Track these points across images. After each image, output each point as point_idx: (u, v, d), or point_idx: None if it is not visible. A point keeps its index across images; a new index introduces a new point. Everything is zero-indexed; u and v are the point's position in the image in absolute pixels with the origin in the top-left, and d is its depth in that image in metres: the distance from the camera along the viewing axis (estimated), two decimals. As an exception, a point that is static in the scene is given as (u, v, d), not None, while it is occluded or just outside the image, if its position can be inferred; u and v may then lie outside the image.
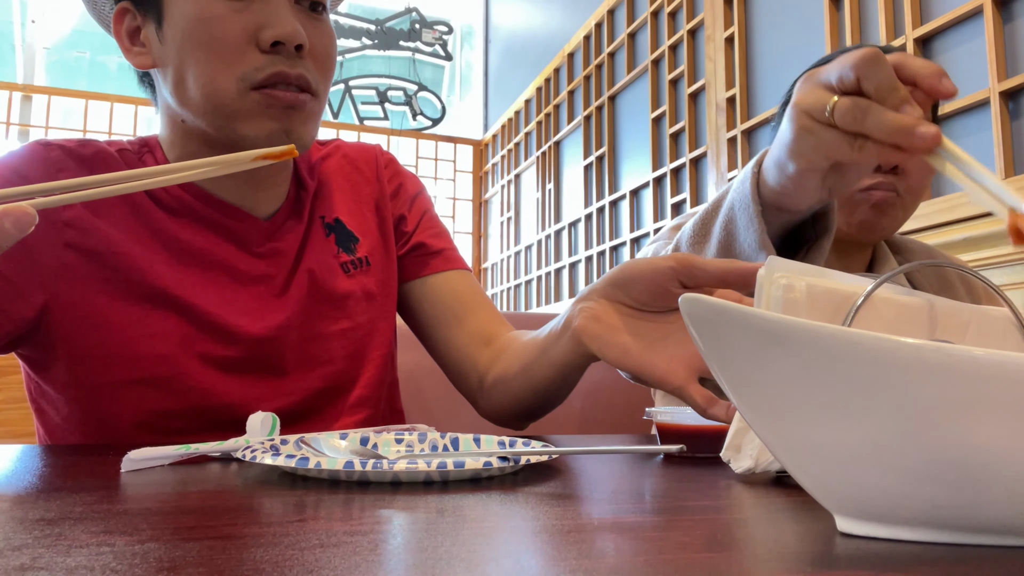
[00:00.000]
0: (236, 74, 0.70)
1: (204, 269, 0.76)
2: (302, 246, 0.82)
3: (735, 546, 0.33)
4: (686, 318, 0.33)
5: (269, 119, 0.71)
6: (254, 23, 0.70)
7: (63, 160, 0.75)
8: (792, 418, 0.32)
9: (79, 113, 4.27)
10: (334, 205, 0.87)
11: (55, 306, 0.72)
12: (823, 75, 0.57)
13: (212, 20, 0.70)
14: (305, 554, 0.29)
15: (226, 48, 0.70)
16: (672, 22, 2.81)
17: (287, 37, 0.70)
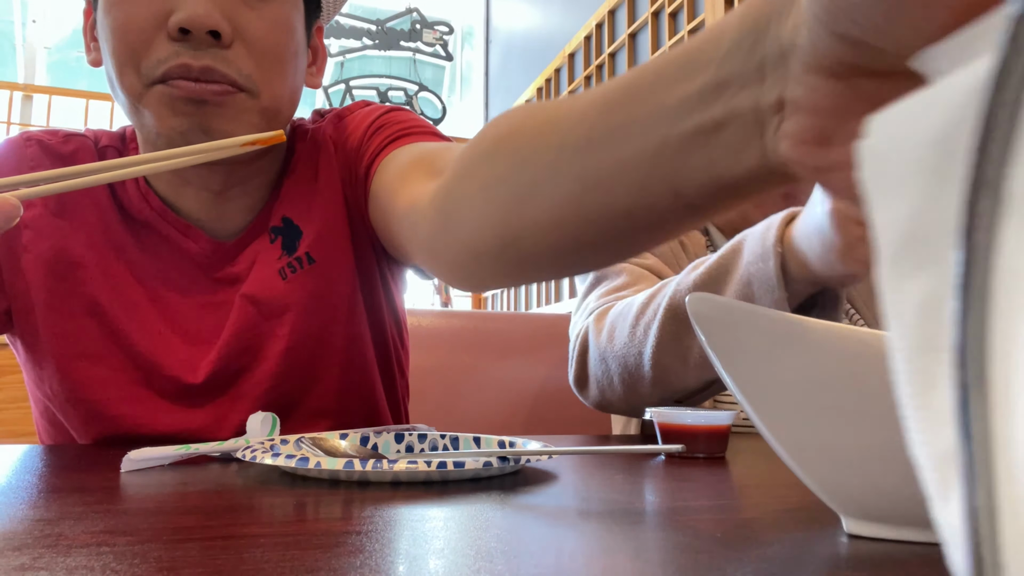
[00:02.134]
0: (141, 68, 0.62)
1: (151, 298, 0.71)
2: (251, 264, 0.73)
3: (738, 547, 0.32)
4: (692, 317, 0.33)
5: (175, 114, 0.63)
6: (165, 7, 0.61)
7: (38, 157, 0.71)
8: (799, 418, 0.32)
9: (80, 113, 4.28)
10: (287, 202, 0.75)
11: (14, 309, 0.70)
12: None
13: (122, 3, 0.62)
14: (305, 554, 0.29)
15: (134, 36, 0.62)
16: (673, 22, 2.81)
17: (192, 23, 0.60)
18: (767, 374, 0.32)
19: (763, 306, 0.65)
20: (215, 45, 0.62)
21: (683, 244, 0.98)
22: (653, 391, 0.78)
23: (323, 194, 0.74)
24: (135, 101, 0.64)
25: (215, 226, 0.73)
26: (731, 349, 0.33)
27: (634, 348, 0.77)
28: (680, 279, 0.76)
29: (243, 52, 0.64)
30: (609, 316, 0.83)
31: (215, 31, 0.61)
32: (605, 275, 0.92)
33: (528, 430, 1.24)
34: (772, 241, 0.66)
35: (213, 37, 0.62)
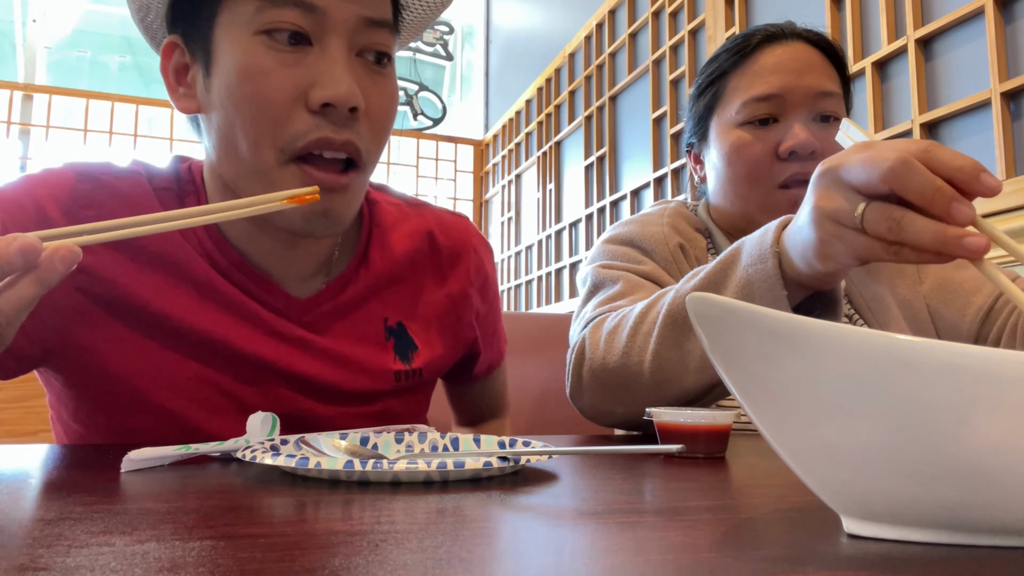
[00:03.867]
0: (279, 142, 0.63)
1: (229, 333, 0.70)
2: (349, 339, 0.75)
3: (738, 547, 0.32)
4: (693, 317, 0.33)
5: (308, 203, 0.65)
6: (306, 80, 0.63)
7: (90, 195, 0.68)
8: (799, 418, 0.32)
9: (80, 112, 4.27)
10: (401, 303, 0.79)
11: (61, 351, 0.69)
12: (845, 176, 0.54)
13: (259, 76, 0.62)
14: (305, 554, 0.29)
15: (272, 109, 0.62)
16: (673, 22, 2.81)
17: (339, 99, 0.62)
18: (767, 374, 0.32)
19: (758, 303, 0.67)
20: (351, 120, 0.64)
21: (683, 248, 0.98)
22: (651, 398, 0.77)
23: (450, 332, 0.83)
24: (265, 173, 0.64)
25: (285, 278, 0.74)
26: (731, 349, 0.33)
27: (634, 356, 0.77)
28: (679, 286, 0.77)
29: (366, 125, 0.66)
30: (605, 326, 0.83)
31: (355, 106, 0.63)
32: (602, 283, 0.93)
33: (528, 430, 1.24)
34: (769, 243, 0.67)
35: (350, 112, 0.64)
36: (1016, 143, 1.46)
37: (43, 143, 4.21)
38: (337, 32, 0.64)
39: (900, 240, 0.52)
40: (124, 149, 4.33)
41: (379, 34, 0.66)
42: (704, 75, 1.01)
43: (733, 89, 0.96)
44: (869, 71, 1.79)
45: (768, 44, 0.96)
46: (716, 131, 0.98)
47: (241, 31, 0.64)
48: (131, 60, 5.26)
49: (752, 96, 0.93)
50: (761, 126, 0.93)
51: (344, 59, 0.64)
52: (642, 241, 0.97)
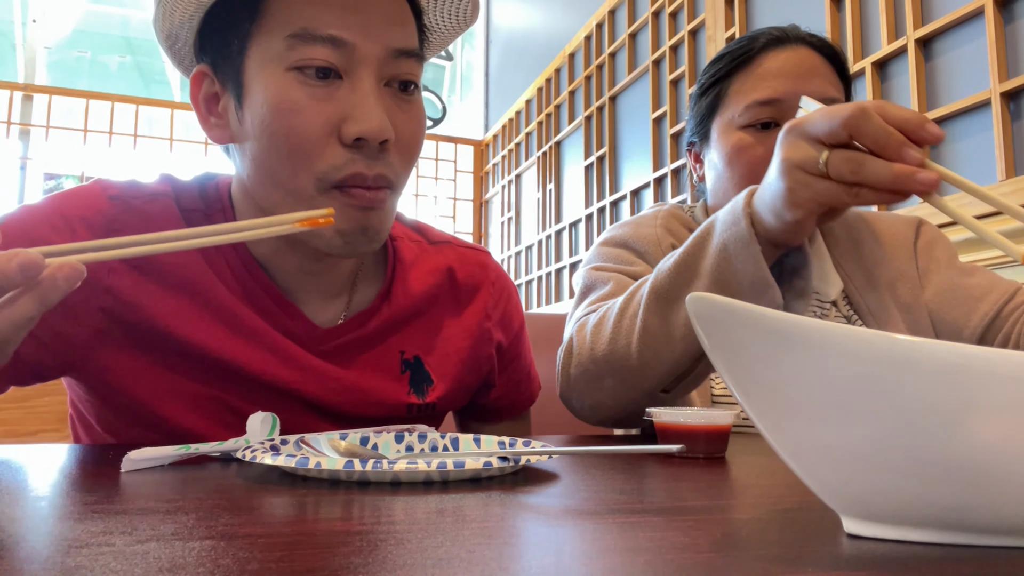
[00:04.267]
0: (315, 173, 0.64)
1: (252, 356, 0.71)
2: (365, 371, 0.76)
3: (738, 547, 0.32)
4: (692, 317, 0.33)
5: (348, 219, 0.66)
6: (337, 114, 0.64)
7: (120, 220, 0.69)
8: (800, 418, 0.32)
9: (80, 113, 4.27)
10: (420, 337, 0.80)
11: (82, 367, 0.69)
12: (809, 128, 0.61)
13: (292, 111, 0.64)
14: (305, 554, 0.29)
15: (306, 143, 0.64)
16: (673, 22, 2.81)
17: (371, 134, 0.64)
18: (767, 374, 0.32)
19: (741, 267, 0.71)
20: (381, 152, 0.66)
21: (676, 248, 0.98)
22: (640, 379, 0.78)
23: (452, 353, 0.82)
24: (304, 200, 0.66)
25: (308, 303, 0.75)
26: (731, 349, 0.33)
27: (622, 339, 0.79)
28: (660, 264, 0.79)
29: (396, 152, 0.68)
30: (590, 321, 0.85)
31: (386, 139, 0.65)
32: (593, 285, 0.94)
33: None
34: (741, 205, 0.72)
35: (380, 144, 0.65)
36: (1016, 143, 1.46)
37: (43, 143, 4.21)
38: (367, 65, 0.65)
39: (860, 181, 0.58)
40: (124, 149, 4.33)
41: (407, 64, 0.68)
42: (707, 75, 1.02)
43: (736, 92, 0.97)
44: (869, 71, 1.79)
45: (772, 48, 0.97)
46: (717, 132, 0.99)
47: (274, 66, 0.65)
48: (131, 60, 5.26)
49: (755, 100, 0.94)
50: (763, 129, 0.94)
51: (374, 92, 0.65)
52: (635, 243, 0.99)
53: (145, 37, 5.30)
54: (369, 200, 0.66)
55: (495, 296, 0.87)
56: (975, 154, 1.54)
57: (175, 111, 4.46)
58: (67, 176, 4.34)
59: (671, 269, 0.77)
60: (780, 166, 0.64)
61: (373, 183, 0.66)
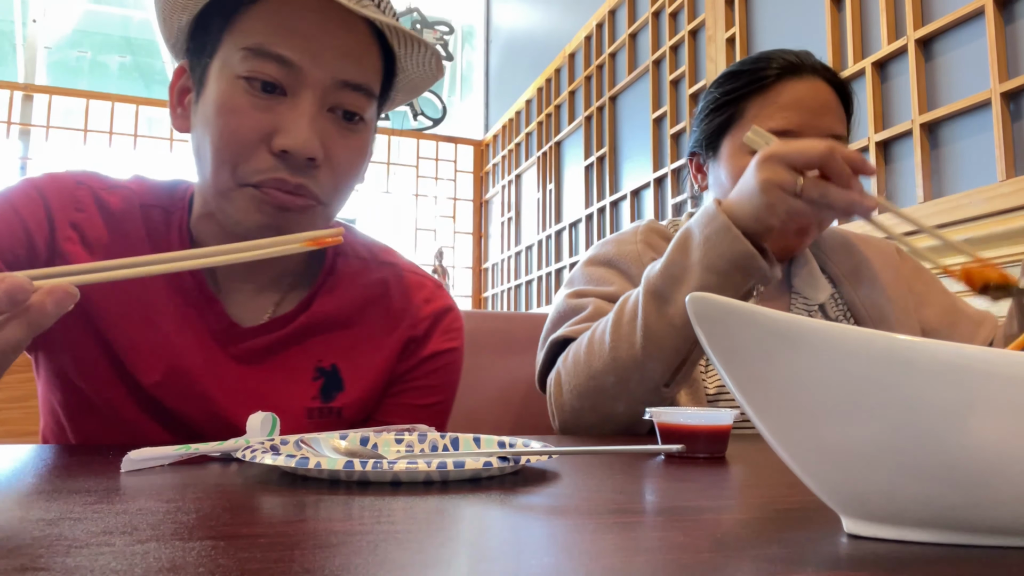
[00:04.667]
0: (237, 171, 0.69)
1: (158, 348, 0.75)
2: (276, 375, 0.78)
3: (738, 547, 0.32)
4: (692, 317, 0.33)
5: (261, 214, 0.70)
6: (272, 125, 0.68)
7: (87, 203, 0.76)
8: (800, 418, 0.32)
9: (80, 112, 4.27)
10: (341, 347, 0.81)
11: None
12: (789, 158, 0.79)
13: (232, 112, 0.69)
14: (305, 554, 0.29)
15: (238, 145, 0.69)
16: (673, 22, 2.81)
17: (295, 148, 0.68)
18: (767, 374, 0.32)
19: (726, 249, 0.81)
20: (308, 167, 0.70)
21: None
22: (645, 374, 0.85)
23: (378, 370, 0.82)
24: (224, 193, 0.71)
25: (240, 283, 0.79)
26: (731, 349, 0.33)
27: (624, 344, 0.85)
28: (648, 271, 0.87)
29: (328, 173, 0.72)
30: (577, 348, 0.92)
31: (313, 157, 0.69)
32: (570, 312, 1.00)
33: (528, 430, 1.24)
34: (713, 208, 0.84)
35: (309, 160, 0.69)
36: (1016, 143, 1.46)
37: (43, 143, 4.21)
38: (311, 88, 0.69)
39: (826, 203, 0.78)
40: (124, 149, 4.33)
41: (352, 96, 0.72)
42: (721, 91, 1.04)
43: (753, 116, 1.00)
44: (869, 71, 1.79)
45: (790, 77, 1.00)
46: (729, 152, 1.02)
47: (229, 72, 0.70)
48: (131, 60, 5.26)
49: (770, 128, 0.96)
50: None
51: (311, 113, 0.69)
52: (619, 261, 1.04)
53: (145, 37, 5.30)
54: (285, 202, 0.69)
55: (425, 312, 0.86)
56: (975, 154, 1.54)
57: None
58: (67, 176, 4.33)
59: (661, 270, 0.85)
60: (760, 184, 0.79)
61: (293, 190, 0.69)
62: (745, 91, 1.01)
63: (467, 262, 4.93)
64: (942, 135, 1.63)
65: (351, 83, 0.71)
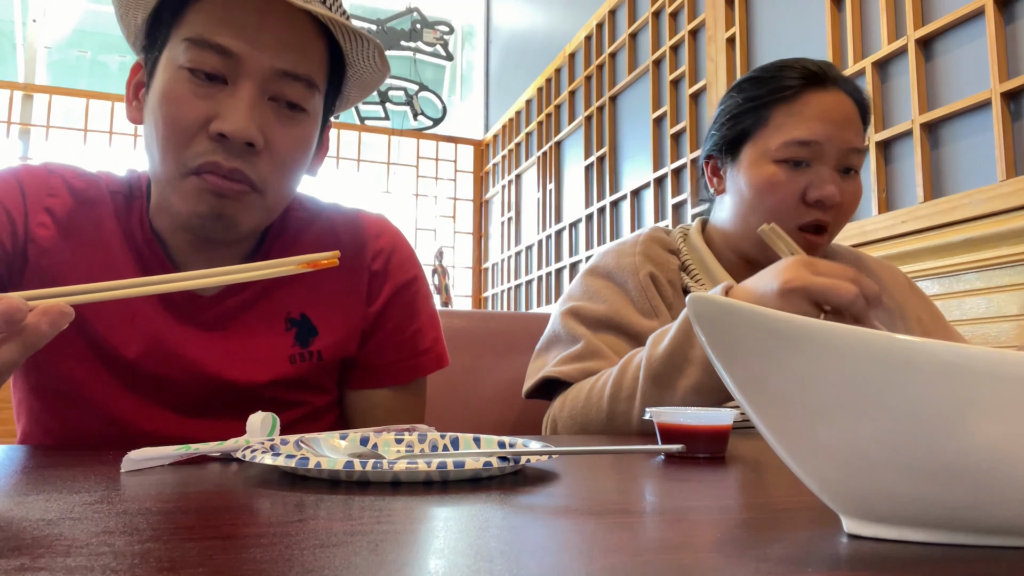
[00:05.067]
0: (180, 158, 0.71)
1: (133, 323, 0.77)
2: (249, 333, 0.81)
3: (738, 547, 0.32)
4: (692, 317, 0.33)
5: (200, 202, 0.72)
6: (211, 111, 0.71)
7: (59, 189, 0.79)
8: (800, 418, 0.32)
9: (80, 112, 4.27)
10: (305, 295, 0.84)
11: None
12: (813, 294, 0.77)
13: (174, 100, 0.71)
14: (305, 554, 0.29)
15: (179, 131, 0.71)
16: (673, 22, 2.81)
17: (232, 133, 0.70)
18: (767, 374, 0.32)
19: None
20: (246, 152, 0.72)
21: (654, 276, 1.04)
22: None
23: (348, 311, 0.86)
24: (168, 183, 0.73)
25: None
26: (731, 349, 0.33)
27: (620, 418, 0.89)
28: (649, 352, 0.88)
29: (267, 159, 0.73)
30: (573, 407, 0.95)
31: (249, 143, 0.71)
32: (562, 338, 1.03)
33: (528, 430, 1.24)
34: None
35: (247, 146, 0.71)
36: (1016, 143, 1.46)
37: (43, 143, 4.21)
38: (250, 76, 0.71)
39: None
40: (124, 149, 4.33)
41: (292, 86, 0.73)
42: (744, 96, 1.04)
43: (777, 125, 1.00)
44: (869, 71, 1.79)
45: (815, 88, 1.00)
46: (749, 158, 1.02)
47: (173, 63, 0.72)
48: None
49: (795, 138, 0.98)
50: (794, 167, 0.99)
51: (249, 100, 0.71)
52: (616, 273, 1.06)
53: (145, 37, 5.30)
54: (220, 187, 0.71)
55: (376, 249, 0.89)
56: (975, 154, 1.54)
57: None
58: (67, 176, 4.33)
59: (663, 356, 0.86)
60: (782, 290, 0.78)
61: (228, 175, 0.71)
62: (769, 99, 1.01)
63: (467, 262, 4.93)
64: (942, 135, 1.63)
65: (291, 72, 0.73)
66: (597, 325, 1.02)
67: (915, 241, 1.60)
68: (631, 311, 1.02)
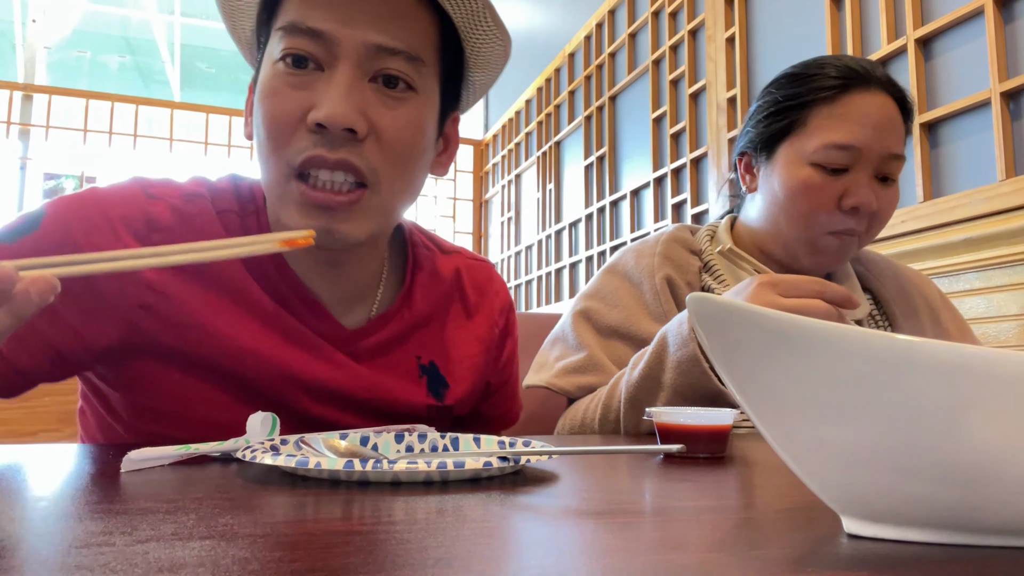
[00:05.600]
0: (284, 157, 0.66)
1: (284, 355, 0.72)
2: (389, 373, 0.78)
3: (738, 547, 0.32)
4: (692, 317, 0.33)
5: (304, 215, 0.67)
6: (309, 101, 0.65)
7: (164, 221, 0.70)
8: (799, 418, 0.32)
9: (80, 113, 4.27)
10: (433, 343, 0.82)
11: (113, 358, 0.69)
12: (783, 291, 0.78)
13: (272, 95, 0.67)
14: (305, 554, 0.29)
15: (279, 127, 0.66)
16: (673, 22, 2.81)
17: (329, 120, 0.64)
18: (767, 374, 0.32)
19: (695, 381, 0.81)
20: (350, 140, 0.66)
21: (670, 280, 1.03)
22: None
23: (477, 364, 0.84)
24: (276, 191, 0.68)
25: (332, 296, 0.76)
26: (731, 349, 0.33)
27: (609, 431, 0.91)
28: (628, 376, 0.89)
29: (375, 147, 0.67)
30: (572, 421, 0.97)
31: (351, 128, 0.65)
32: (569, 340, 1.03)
33: (528, 430, 1.24)
34: (687, 333, 0.83)
35: (350, 133, 0.65)
36: (1016, 143, 1.46)
37: (43, 143, 4.21)
38: (345, 58, 0.66)
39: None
40: (123, 149, 4.33)
41: (393, 61, 0.67)
42: (782, 94, 1.00)
43: (816, 126, 0.96)
44: (869, 71, 1.79)
45: (858, 89, 0.96)
46: (785, 158, 0.98)
47: (270, 59, 0.69)
48: (131, 60, 5.25)
49: (834, 142, 0.94)
50: (832, 173, 0.95)
51: (347, 83, 0.65)
52: (633, 273, 1.04)
53: (145, 37, 5.30)
54: (321, 200, 0.66)
55: (499, 305, 0.89)
56: (975, 154, 1.54)
57: (175, 111, 4.46)
58: (67, 176, 4.34)
59: (638, 381, 0.87)
60: None
61: (334, 166, 0.65)
62: (809, 98, 0.97)
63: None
64: (942, 135, 1.63)
65: (387, 47, 0.67)
66: (606, 332, 1.01)
67: (915, 241, 1.60)
68: (643, 317, 1.00)
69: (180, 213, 0.71)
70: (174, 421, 0.71)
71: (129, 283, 0.67)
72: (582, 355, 1.00)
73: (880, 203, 0.96)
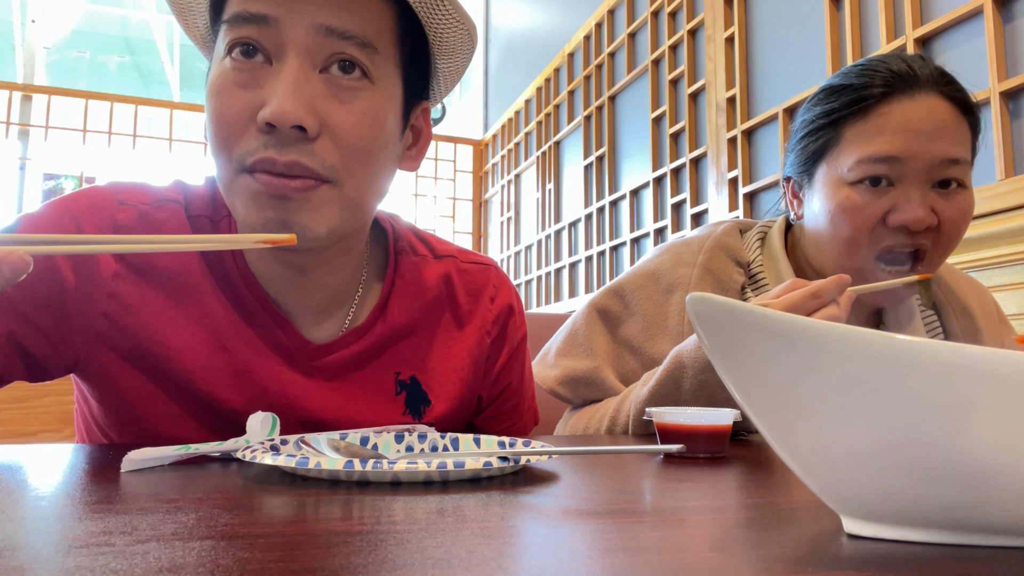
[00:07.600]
0: (233, 156, 0.63)
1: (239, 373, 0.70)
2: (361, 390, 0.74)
3: (738, 547, 0.32)
4: (692, 317, 0.33)
5: (259, 207, 0.63)
6: (258, 98, 0.62)
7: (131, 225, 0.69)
8: (799, 418, 0.32)
9: (79, 113, 4.27)
10: (415, 357, 0.77)
11: (84, 365, 0.69)
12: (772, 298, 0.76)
13: (219, 94, 0.63)
14: (305, 554, 0.29)
15: (228, 127, 0.63)
16: (672, 22, 2.81)
17: (276, 118, 0.60)
18: (767, 374, 0.32)
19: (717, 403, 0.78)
20: (301, 139, 0.62)
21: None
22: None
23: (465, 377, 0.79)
24: (227, 186, 0.65)
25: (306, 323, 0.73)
26: (731, 349, 0.33)
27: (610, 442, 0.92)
28: (637, 392, 0.87)
29: (329, 144, 0.63)
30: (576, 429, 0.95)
31: (300, 126, 0.61)
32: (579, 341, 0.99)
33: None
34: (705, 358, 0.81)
35: (300, 131, 0.61)
36: (1015, 142, 1.46)
37: (42, 143, 4.21)
38: (293, 46, 0.62)
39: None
40: (123, 149, 4.33)
41: (344, 45, 0.63)
42: (819, 110, 0.92)
43: (850, 141, 0.87)
44: (868, 71, 1.79)
45: (898, 95, 0.87)
46: (824, 181, 0.90)
47: (218, 56, 0.65)
48: (130, 60, 5.25)
49: (869, 155, 0.85)
50: (873, 187, 0.86)
51: (295, 76, 0.61)
52: (664, 279, 0.97)
53: (144, 37, 5.30)
54: (277, 187, 0.62)
55: (494, 313, 0.83)
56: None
57: (174, 111, 4.46)
58: (66, 176, 4.34)
59: (647, 401, 0.85)
60: None
61: (284, 170, 0.61)
62: (843, 112, 0.88)
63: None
64: (941, 135, 1.63)
65: (337, 30, 0.62)
66: (619, 341, 0.97)
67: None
68: (659, 333, 0.95)
69: (147, 218, 0.69)
70: (138, 433, 0.70)
71: (97, 291, 0.67)
72: (589, 364, 0.95)
73: (945, 213, 0.85)
